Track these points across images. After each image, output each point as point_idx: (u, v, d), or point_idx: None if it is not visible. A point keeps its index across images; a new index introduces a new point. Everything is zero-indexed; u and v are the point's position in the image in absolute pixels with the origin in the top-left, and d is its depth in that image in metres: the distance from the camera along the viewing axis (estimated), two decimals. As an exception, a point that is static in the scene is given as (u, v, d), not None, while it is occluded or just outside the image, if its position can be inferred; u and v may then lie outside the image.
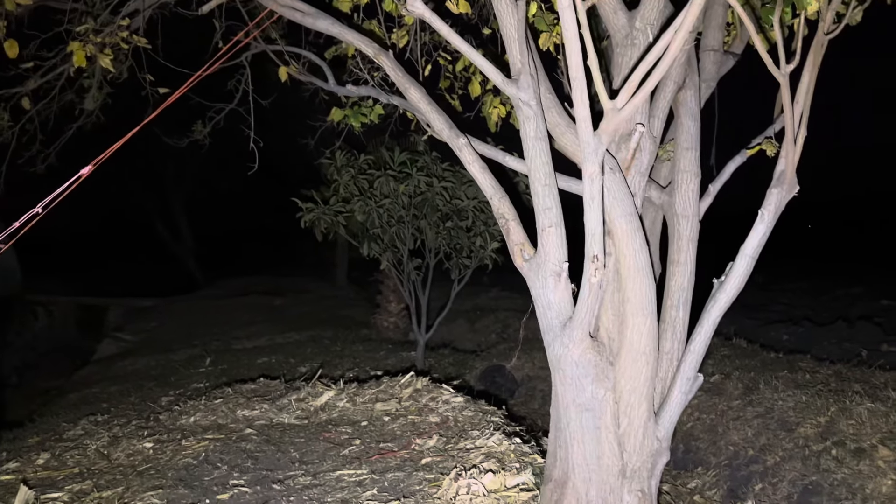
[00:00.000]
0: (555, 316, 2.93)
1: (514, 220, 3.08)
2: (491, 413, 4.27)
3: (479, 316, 9.35)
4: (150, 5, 3.77)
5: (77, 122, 4.59)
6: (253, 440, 3.98)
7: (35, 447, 4.27)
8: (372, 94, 3.87)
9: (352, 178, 6.32)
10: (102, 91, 4.22)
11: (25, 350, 10.76)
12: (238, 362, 7.03)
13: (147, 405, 5.25)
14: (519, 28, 2.84)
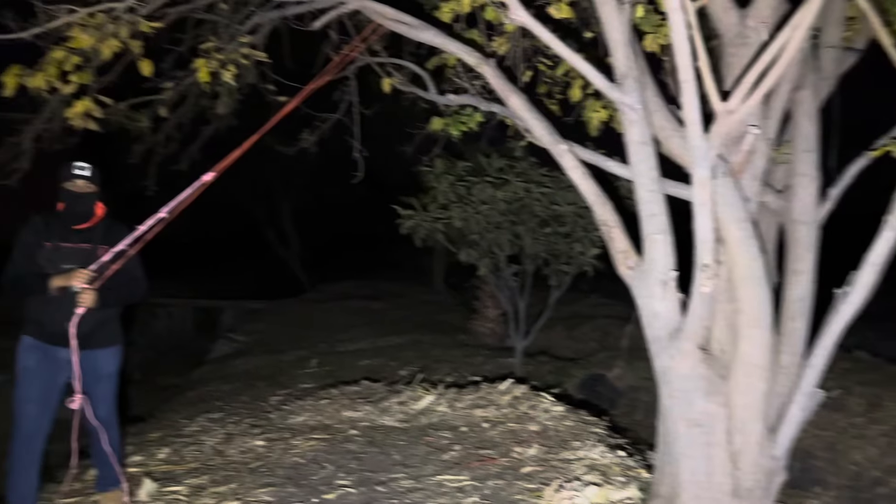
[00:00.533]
0: (662, 326, 2.84)
1: (617, 226, 3.02)
2: (593, 424, 4.19)
3: (578, 323, 9.19)
4: (272, 21, 3.98)
5: (211, 126, 4.93)
6: (357, 441, 4.09)
7: (157, 442, 4.56)
8: (472, 103, 3.91)
9: (450, 185, 6.38)
10: (232, 97, 4.52)
11: (147, 349, 11.54)
12: (342, 364, 7.25)
13: (258, 404, 5.50)
14: (624, 31, 2.78)
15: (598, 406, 5.54)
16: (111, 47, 3.14)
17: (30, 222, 3.33)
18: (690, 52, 2.33)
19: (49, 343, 3.28)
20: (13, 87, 3.09)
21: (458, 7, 3.87)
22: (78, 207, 3.34)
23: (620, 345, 7.98)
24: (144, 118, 4.40)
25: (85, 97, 3.30)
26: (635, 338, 7.84)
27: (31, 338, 3.32)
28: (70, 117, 3.33)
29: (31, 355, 3.30)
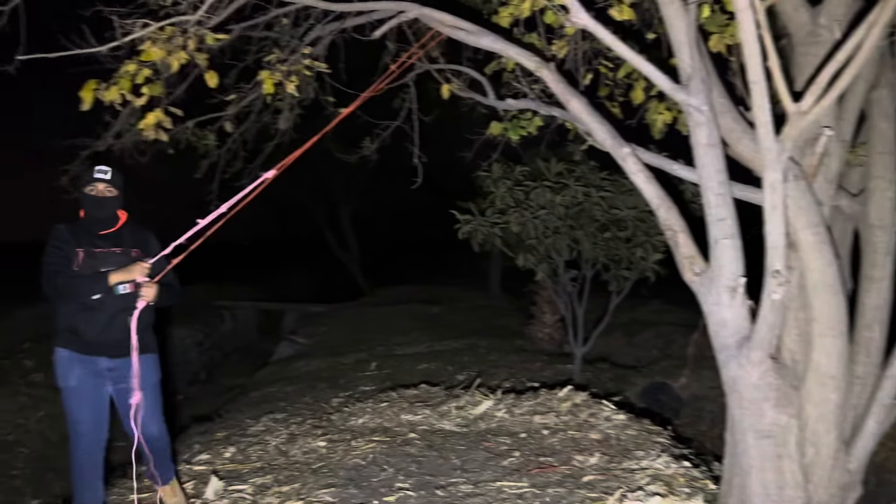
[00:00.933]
0: (730, 334, 2.76)
1: (683, 231, 2.95)
2: (656, 433, 4.10)
3: (638, 330, 9.02)
4: (331, 32, 4.05)
5: (274, 140, 5.06)
6: (416, 445, 4.12)
7: (223, 441, 4.70)
8: (531, 107, 3.89)
9: (508, 189, 6.36)
10: (293, 112, 4.62)
11: (213, 350, 11.91)
12: (400, 367, 7.30)
13: (320, 405, 5.60)
14: (689, 32, 2.72)
15: (661, 415, 5.41)
16: (179, 59, 3.25)
17: (54, 231, 3.18)
18: (760, 51, 2.26)
19: (87, 353, 3.15)
20: (90, 101, 3.24)
21: (516, 11, 3.87)
22: (100, 213, 3.23)
23: (684, 353, 7.81)
24: (211, 135, 4.54)
25: (156, 109, 3.42)
26: (700, 346, 7.66)
27: (66, 350, 3.17)
28: (142, 129, 3.45)
29: (71, 372, 3.14)
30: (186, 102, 3.77)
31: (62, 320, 3.19)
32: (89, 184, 3.19)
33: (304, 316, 13.37)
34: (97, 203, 3.21)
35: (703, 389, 6.66)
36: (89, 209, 3.23)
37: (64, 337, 3.18)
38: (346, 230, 19.84)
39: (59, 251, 3.14)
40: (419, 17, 3.46)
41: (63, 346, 3.17)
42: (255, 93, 4.14)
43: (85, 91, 3.17)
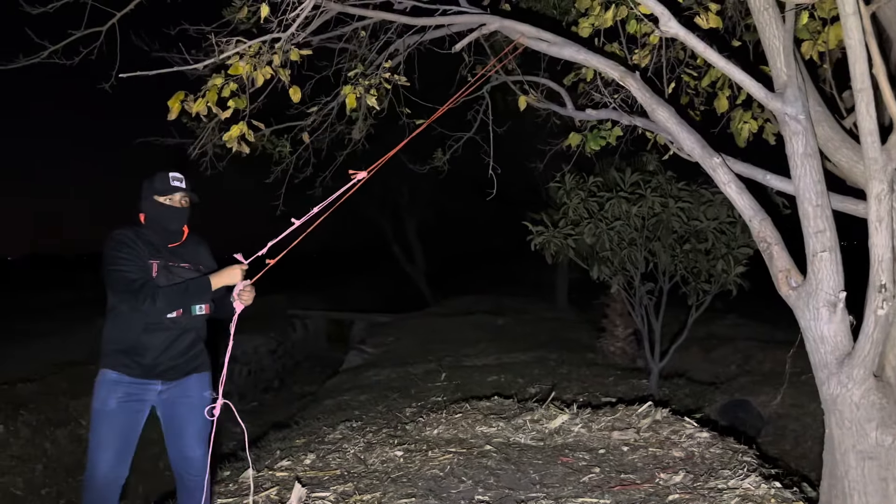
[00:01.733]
0: (829, 351, 2.65)
1: (778, 243, 2.85)
2: (742, 452, 3.96)
3: (716, 345, 8.75)
4: (409, 46, 4.12)
5: (346, 150, 5.17)
6: (493, 457, 4.10)
7: (302, 448, 4.79)
8: (612, 117, 3.84)
9: (581, 200, 6.30)
10: (367, 122, 4.71)
11: (285, 358, 12.22)
12: (470, 379, 7.30)
13: (394, 415, 5.65)
14: (785, 39, 2.64)
15: (745, 433, 5.22)
16: (265, 74, 3.36)
17: (121, 237, 2.89)
18: (866, 58, 2.18)
19: (141, 378, 2.89)
20: (177, 111, 3.37)
21: (598, 22, 3.84)
22: (175, 225, 3.01)
23: (763, 369, 7.53)
24: (286, 143, 4.67)
25: (240, 122, 3.54)
26: (780, 362, 7.37)
27: (116, 373, 2.86)
28: (226, 140, 3.57)
29: (112, 394, 2.84)
30: (264, 112, 3.88)
31: (116, 340, 2.90)
32: (165, 193, 2.96)
33: (371, 325, 13.56)
34: (173, 214, 2.99)
35: (784, 407, 6.41)
36: (162, 220, 2.98)
37: (115, 359, 2.88)
38: (411, 241, 20.05)
39: (133, 259, 2.85)
40: (500, 30, 3.48)
41: (112, 368, 2.87)
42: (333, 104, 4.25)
43: (173, 101, 3.30)
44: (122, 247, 2.86)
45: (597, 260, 6.35)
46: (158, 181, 2.97)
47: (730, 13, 4.25)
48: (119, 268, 2.82)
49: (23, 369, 8.02)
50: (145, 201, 2.98)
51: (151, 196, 2.97)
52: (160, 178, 2.97)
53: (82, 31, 3.37)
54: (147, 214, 2.99)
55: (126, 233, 2.92)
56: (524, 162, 10.41)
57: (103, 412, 2.84)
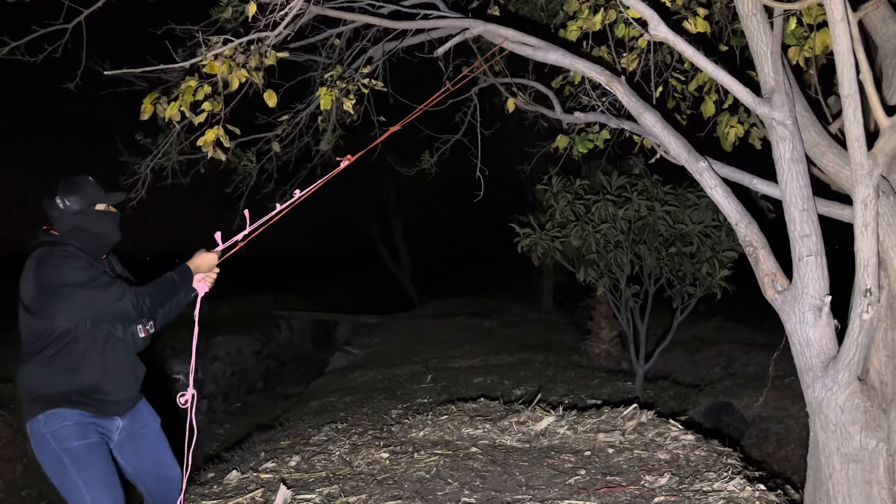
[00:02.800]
0: (815, 355, 2.67)
1: (764, 247, 2.87)
2: (726, 454, 3.98)
3: (700, 347, 8.81)
4: (387, 52, 4.09)
5: (311, 163, 5.10)
6: (479, 459, 4.09)
7: (287, 450, 4.76)
8: (600, 120, 3.85)
9: (568, 203, 6.33)
10: (336, 133, 4.64)
11: (270, 359, 12.13)
12: (456, 380, 7.29)
13: (380, 416, 5.63)
14: (773, 44, 2.65)
15: (729, 436, 5.25)
16: (240, 77, 3.30)
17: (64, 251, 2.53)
18: (854, 64, 2.20)
19: (105, 417, 2.59)
20: (149, 111, 3.32)
21: (586, 25, 3.86)
22: (115, 234, 2.75)
23: (747, 372, 7.60)
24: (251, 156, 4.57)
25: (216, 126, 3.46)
26: (762, 365, 7.44)
27: (76, 411, 2.50)
28: (201, 145, 3.49)
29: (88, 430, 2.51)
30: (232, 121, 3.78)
31: (68, 381, 2.51)
32: (104, 200, 2.71)
33: (357, 327, 13.52)
34: (116, 222, 2.76)
35: (768, 410, 6.46)
36: (105, 230, 2.71)
37: (70, 399, 2.50)
38: (398, 242, 20.03)
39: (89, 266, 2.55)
40: (483, 34, 3.47)
41: (70, 407, 2.49)
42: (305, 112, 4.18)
43: (146, 101, 3.25)
44: (72, 260, 2.51)
45: (583, 262, 6.37)
46: (90, 187, 2.67)
47: (717, 18, 4.28)
48: (84, 282, 2.48)
49: (3, 369, 7.90)
50: (77, 215, 2.63)
51: (87, 206, 2.65)
52: (89, 184, 2.67)
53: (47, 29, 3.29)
54: (82, 227, 2.64)
55: (67, 248, 2.56)
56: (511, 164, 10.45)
57: (84, 447, 2.49)
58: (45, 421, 2.48)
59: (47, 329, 2.51)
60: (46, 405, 2.49)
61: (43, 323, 2.51)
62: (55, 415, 2.47)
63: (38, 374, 2.52)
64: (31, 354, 2.54)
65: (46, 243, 2.58)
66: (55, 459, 2.47)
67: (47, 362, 2.51)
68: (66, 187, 2.64)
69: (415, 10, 3.57)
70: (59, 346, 2.52)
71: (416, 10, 3.57)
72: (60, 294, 2.47)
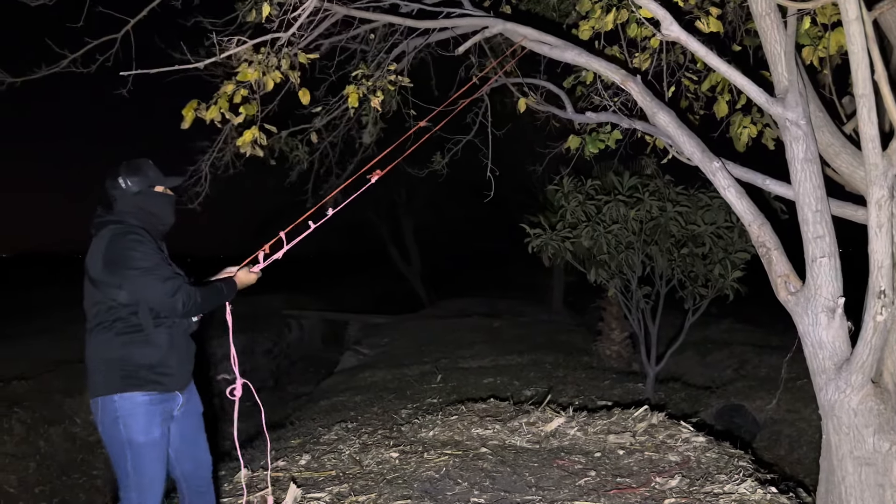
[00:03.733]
0: (828, 357, 2.65)
1: (777, 248, 2.85)
2: (738, 457, 3.96)
3: (711, 349, 8.77)
4: (416, 48, 4.12)
5: (357, 155, 5.16)
6: (488, 459, 4.09)
7: (297, 448, 4.77)
8: (612, 120, 3.85)
9: (579, 203, 6.31)
10: (377, 126, 4.70)
11: (280, 358, 12.19)
12: (466, 381, 7.29)
13: (389, 416, 5.64)
14: (786, 44, 2.64)
15: (740, 438, 5.22)
16: (274, 79, 3.36)
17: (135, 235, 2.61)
18: (868, 64, 2.18)
19: (170, 392, 2.70)
20: (191, 119, 3.37)
21: (598, 25, 3.84)
22: (172, 216, 2.84)
23: (759, 374, 7.55)
24: (301, 146, 4.67)
25: (252, 127, 3.54)
26: (775, 367, 7.39)
27: (146, 393, 2.61)
28: (240, 145, 3.56)
29: (153, 421, 2.63)
30: (278, 115, 3.87)
31: (140, 355, 2.62)
32: (163, 183, 2.80)
33: (367, 326, 13.55)
34: (171, 206, 2.85)
35: (780, 412, 6.42)
36: (163, 212, 2.81)
37: (142, 377, 2.62)
38: (408, 242, 20.04)
39: (158, 258, 2.63)
40: (503, 32, 3.48)
41: (140, 389, 2.61)
42: (342, 106, 4.25)
43: (186, 110, 3.29)
44: (141, 245, 2.59)
45: (594, 263, 6.35)
46: (150, 170, 2.77)
47: (730, 18, 4.26)
48: (148, 269, 2.56)
49: (17, 367, 7.98)
50: (138, 195, 2.72)
51: (147, 187, 2.74)
52: (150, 167, 2.77)
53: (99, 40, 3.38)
54: (142, 208, 2.73)
55: (136, 228, 2.65)
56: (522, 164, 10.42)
57: (148, 444, 2.61)
58: (119, 402, 2.59)
59: (112, 303, 2.61)
60: (122, 385, 2.59)
61: (108, 298, 2.61)
62: (129, 398, 2.59)
63: (108, 345, 2.62)
64: (98, 326, 2.64)
65: (114, 222, 2.67)
66: (119, 445, 2.62)
67: (115, 335, 2.61)
68: (128, 168, 2.75)
69: (438, 9, 3.59)
70: (125, 320, 2.62)
71: (440, 9, 3.58)
72: (125, 275, 2.57)
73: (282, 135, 3.85)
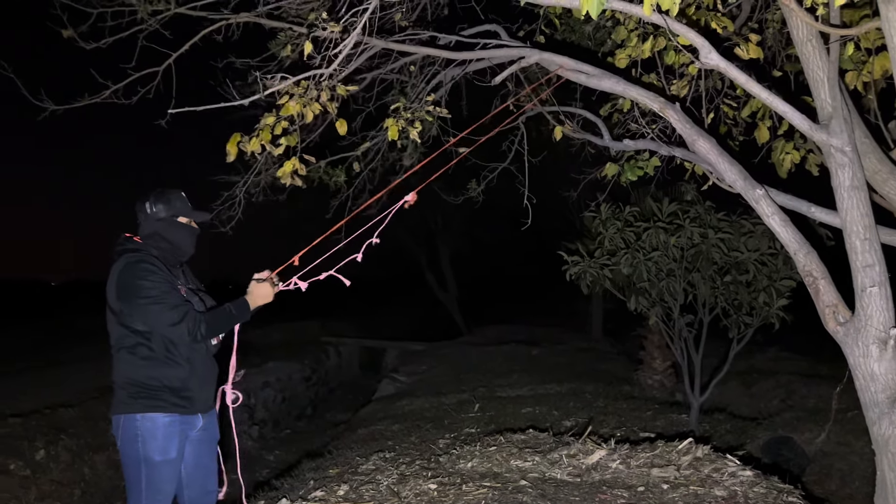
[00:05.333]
0: (880, 389, 2.55)
1: (825, 277, 2.78)
2: (787, 491, 3.81)
3: (756, 379, 8.51)
4: (453, 77, 4.17)
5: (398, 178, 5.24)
6: (528, 493, 4.01)
7: (335, 478, 4.76)
8: (650, 147, 3.82)
9: (617, 230, 6.24)
10: (417, 150, 4.77)
11: (319, 385, 12.24)
12: (504, 410, 7.21)
13: (427, 446, 5.60)
14: (829, 70, 2.60)
15: (789, 472, 5.04)
16: (314, 111, 3.44)
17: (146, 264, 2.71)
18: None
19: (191, 415, 2.82)
20: (234, 153, 3.46)
21: (635, 53, 3.85)
22: (191, 247, 2.96)
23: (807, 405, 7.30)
24: (342, 173, 4.76)
25: (292, 157, 3.61)
26: (824, 398, 7.13)
27: (167, 415, 2.72)
28: (279, 176, 3.64)
29: (171, 442, 2.74)
30: (317, 145, 3.96)
31: (162, 377, 2.73)
32: (187, 214, 2.92)
33: (404, 353, 13.54)
34: (193, 236, 2.96)
35: (830, 445, 6.18)
36: (182, 242, 2.91)
37: (164, 399, 2.72)
38: (444, 269, 20.06)
39: (167, 286, 2.72)
40: (539, 62, 3.50)
41: (162, 411, 2.72)
42: (381, 136, 4.33)
43: (230, 144, 3.38)
44: (151, 275, 2.70)
45: (634, 291, 6.26)
46: (178, 201, 2.90)
47: (769, 43, 4.22)
48: (156, 297, 2.67)
49: (64, 394, 8.18)
50: (161, 222, 2.86)
51: (171, 216, 2.88)
52: (178, 198, 2.91)
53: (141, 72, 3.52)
54: (162, 235, 2.86)
55: (148, 258, 2.77)
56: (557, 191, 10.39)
57: (164, 463, 2.72)
58: (141, 421, 2.71)
59: (130, 330, 2.74)
60: (145, 406, 2.72)
61: (125, 325, 2.74)
62: (151, 419, 2.71)
63: (133, 367, 2.75)
64: (122, 350, 2.77)
65: (130, 250, 2.81)
66: (135, 460, 2.72)
67: (138, 359, 2.74)
68: (157, 195, 2.91)
69: (475, 41, 3.64)
70: (145, 345, 2.74)
71: (477, 41, 3.63)
72: (135, 303, 2.70)
73: (321, 164, 3.95)
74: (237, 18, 3.60)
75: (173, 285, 2.78)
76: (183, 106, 3.15)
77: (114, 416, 2.81)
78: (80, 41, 3.79)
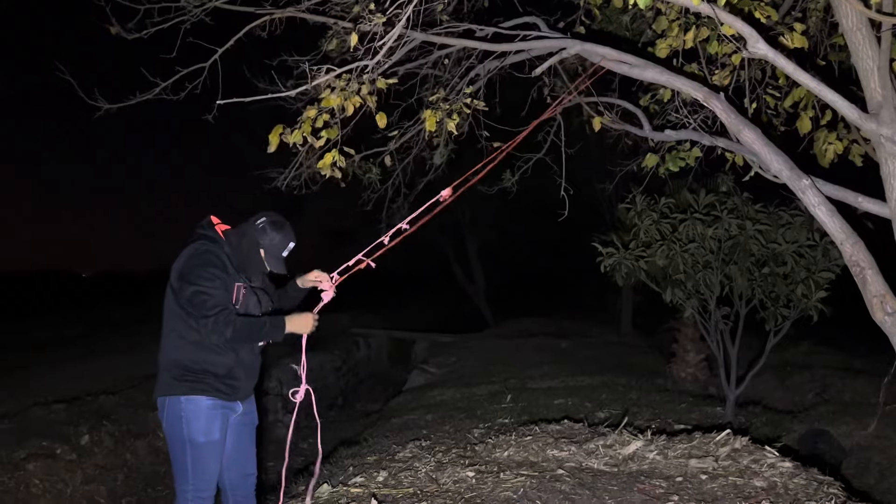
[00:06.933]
0: (932, 380, 2.53)
1: (872, 267, 2.76)
2: (828, 483, 3.80)
3: (791, 372, 8.43)
4: (490, 71, 4.19)
5: (428, 175, 5.28)
6: (566, 482, 4.05)
7: (374, 465, 4.84)
8: (693, 138, 3.81)
9: (653, 222, 6.22)
10: (448, 147, 4.80)
11: (349, 376, 12.38)
12: (536, 401, 7.24)
13: (462, 435, 5.65)
14: (880, 59, 2.58)
15: (828, 464, 5.00)
16: (354, 104, 3.49)
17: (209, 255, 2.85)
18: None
19: (233, 401, 2.96)
20: (276, 143, 3.53)
21: (676, 43, 3.83)
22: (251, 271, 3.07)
23: (843, 398, 7.22)
24: (375, 168, 4.81)
25: (333, 150, 3.68)
26: (862, 392, 7.05)
27: (210, 398, 2.86)
28: (320, 168, 3.71)
29: (215, 423, 2.87)
30: (353, 138, 4.02)
31: (210, 363, 2.86)
32: (271, 253, 3.02)
33: (433, 345, 13.62)
34: (258, 269, 3.08)
35: (868, 439, 6.12)
36: (246, 262, 3.02)
37: (210, 384, 2.86)
38: (472, 261, 20.09)
39: (218, 282, 2.82)
40: (581, 53, 3.51)
41: (206, 394, 2.85)
42: (416, 129, 4.37)
43: (272, 135, 3.46)
44: (209, 266, 2.82)
45: (670, 283, 6.24)
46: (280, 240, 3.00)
47: (812, 32, 4.17)
48: (202, 288, 2.77)
49: (104, 382, 8.39)
50: (250, 237, 2.97)
51: (263, 243, 2.98)
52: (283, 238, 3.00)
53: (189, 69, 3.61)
54: (244, 245, 2.97)
55: (215, 250, 2.88)
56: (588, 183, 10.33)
57: (208, 444, 2.84)
58: (185, 403, 2.82)
59: (185, 311, 2.83)
60: (190, 388, 2.82)
61: (181, 306, 2.84)
62: (194, 400, 2.83)
63: (181, 350, 2.85)
64: (172, 332, 2.88)
65: (208, 238, 2.94)
66: (180, 441, 2.84)
67: (188, 343, 2.84)
68: (274, 221, 3.03)
69: (515, 32, 3.66)
70: (196, 328, 2.82)
71: (516, 32, 3.65)
72: (186, 286, 2.80)
73: (355, 158, 4.01)
74: (282, 13, 3.66)
75: (228, 285, 2.87)
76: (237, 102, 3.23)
77: (158, 397, 2.93)
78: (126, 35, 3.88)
